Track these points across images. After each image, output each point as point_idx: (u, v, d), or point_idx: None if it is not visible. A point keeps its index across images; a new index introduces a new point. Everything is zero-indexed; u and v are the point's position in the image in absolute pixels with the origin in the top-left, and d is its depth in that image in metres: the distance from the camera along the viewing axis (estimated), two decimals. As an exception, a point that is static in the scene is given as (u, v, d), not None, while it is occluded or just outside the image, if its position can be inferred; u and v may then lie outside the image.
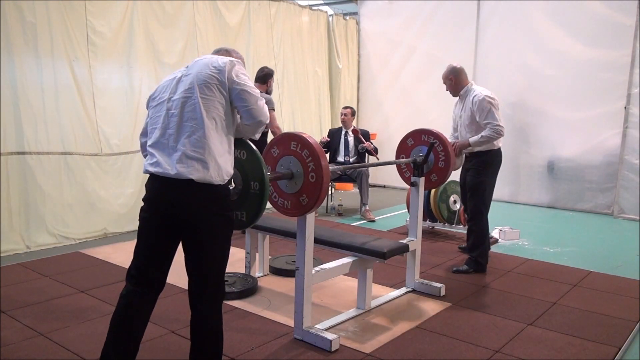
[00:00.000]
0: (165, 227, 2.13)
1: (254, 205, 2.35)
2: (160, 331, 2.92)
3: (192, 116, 2.07)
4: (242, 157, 2.35)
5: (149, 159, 2.13)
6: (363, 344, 2.85)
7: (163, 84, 2.23)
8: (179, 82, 2.15)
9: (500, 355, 2.76)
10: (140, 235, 2.19)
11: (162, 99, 2.17)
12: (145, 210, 2.17)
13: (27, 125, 4.50)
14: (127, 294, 2.16)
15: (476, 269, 4.11)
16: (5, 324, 2.99)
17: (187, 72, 2.17)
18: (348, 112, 6.54)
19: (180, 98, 2.11)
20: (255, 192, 2.33)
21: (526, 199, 7.20)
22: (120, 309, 2.16)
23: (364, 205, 6.16)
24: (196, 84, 2.10)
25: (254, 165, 2.33)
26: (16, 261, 4.19)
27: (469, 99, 4.04)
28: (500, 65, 7.19)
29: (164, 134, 2.11)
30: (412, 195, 3.75)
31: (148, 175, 2.17)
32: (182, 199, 2.07)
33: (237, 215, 2.39)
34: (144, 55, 5.36)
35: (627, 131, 6.29)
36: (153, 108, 2.20)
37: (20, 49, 4.45)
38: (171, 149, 2.08)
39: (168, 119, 2.11)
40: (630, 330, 3.09)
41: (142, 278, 2.17)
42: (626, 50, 6.24)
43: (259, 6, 6.68)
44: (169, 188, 2.08)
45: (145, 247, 2.17)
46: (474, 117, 4.00)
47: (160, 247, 2.16)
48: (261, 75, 5.09)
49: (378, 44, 8.56)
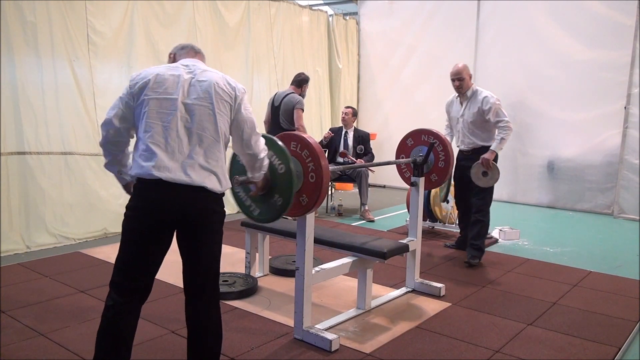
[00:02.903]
0: (162, 232, 2.08)
1: (285, 189, 2.46)
2: (160, 331, 2.92)
3: (208, 127, 2.06)
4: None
5: (149, 160, 1.99)
6: (363, 344, 2.85)
7: (166, 77, 2.07)
8: (190, 86, 2.08)
9: (500, 355, 2.76)
10: (131, 242, 2.08)
11: (170, 96, 2.05)
12: (138, 217, 2.05)
13: (27, 125, 4.50)
14: (115, 305, 2.06)
15: (480, 256, 4.33)
16: (5, 324, 2.99)
17: (199, 78, 2.10)
18: (349, 111, 6.54)
19: (195, 104, 2.06)
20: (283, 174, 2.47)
21: (526, 199, 7.20)
22: (110, 322, 2.06)
23: (363, 205, 6.16)
24: (214, 96, 2.08)
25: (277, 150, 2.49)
26: (16, 261, 4.19)
27: (478, 99, 4.21)
28: (500, 65, 7.19)
29: (173, 137, 2.02)
30: (412, 195, 3.75)
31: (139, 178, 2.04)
32: (193, 203, 2.06)
33: (274, 201, 2.50)
34: (145, 55, 5.36)
35: (627, 131, 6.29)
36: (156, 100, 2.03)
37: (21, 49, 4.45)
38: (180, 154, 2.02)
39: (179, 122, 2.03)
40: (630, 330, 3.09)
41: (132, 287, 2.08)
42: (626, 50, 6.24)
43: (258, 6, 6.68)
44: (179, 193, 2.02)
45: (137, 255, 2.08)
46: (480, 116, 4.20)
47: (155, 253, 2.10)
48: (298, 79, 5.65)
49: (378, 44, 8.56)
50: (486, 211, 4.30)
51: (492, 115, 4.16)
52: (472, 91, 4.28)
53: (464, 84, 4.25)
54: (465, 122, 4.28)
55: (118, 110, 2.08)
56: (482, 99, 4.19)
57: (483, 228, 4.31)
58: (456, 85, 4.28)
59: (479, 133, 4.26)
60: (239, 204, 2.74)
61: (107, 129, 2.10)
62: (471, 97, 4.27)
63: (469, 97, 4.28)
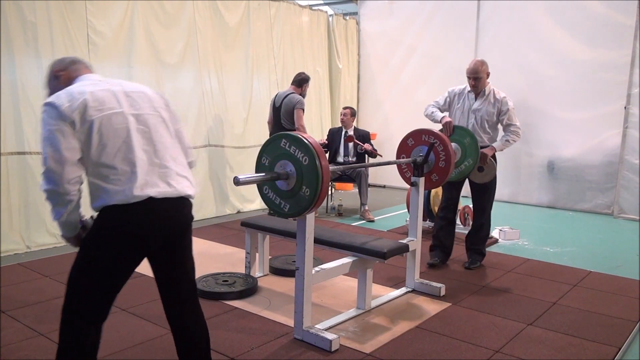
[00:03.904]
0: (150, 250, 1.99)
1: (312, 180, 2.51)
2: (161, 331, 2.92)
3: (165, 134, 1.99)
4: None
5: (129, 182, 1.83)
6: (363, 344, 2.85)
7: (100, 94, 1.87)
8: (127, 97, 1.94)
9: (500, 355, 2.76)
10: (118, 269, 1.93)
11: (116, 110, 1.87)
12: (130, 242, 1.90)
13: (27, 125, 4.50)
14: (95, 343, 1.95)
15: (482, 259, 4.31)
16: (5, 324, 2.99)
17: (127, 89, 1.97)
18: (347, 112, 6.54)
19: (144, 114, 1.94)
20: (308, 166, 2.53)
21: (526, 199, 7.20)
22: (86, 354, 1.93)
23: (363, 205, 6.16)
24: (156, 104, 2.02)
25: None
26: (16, 261, 4.19)
27: (497, 98, 4.09)
28: (500, 65, 7.16)
29: (139, 150, 1.88)
30: (412, 195, 3.75)
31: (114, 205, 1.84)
32: (182, 213, 2.00)
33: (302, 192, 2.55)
34: (145, 55, 5.36)
35: (627, 131, 6.29)
36: (105, 117, 1.84)
37: (21, 49, 4.45)
38: (153, 165, 1.90)
39: (137, 135, 1.89)
40: (630, 330, 3.09)
41: (104, 315, 1.97)
42: (626, 50, 6.23)
43: (258, 6, 6.67)
44: (175, 207, 1.96)
45: (123, 281, 1.96)
46: (495, 115, 4.11)
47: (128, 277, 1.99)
48: (298, 79, 5.72)
49: (378, 44, 8.55)
50: (489, 212, 4.25)
51: (504, 115, 4.08)
52: (490, 89, 4.13)
53: (480, 83, 4.07)
54: (481, 118, 4.11)
55: (62, 142, 1.78)
56: (501, 99, 4.08)
57: (487, 231, 4.29)
58: (472, 84, 4.09)
59: (490, 132, 4.17)
60: (268, 204, 2.73)
61: (63, 167, 1.78)
62: (488, 94, 4.11)
63: (486, 94, 4.11)
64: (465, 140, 4.00)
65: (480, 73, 4.03)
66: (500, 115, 4.11)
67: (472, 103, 4.16)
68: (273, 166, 2.64)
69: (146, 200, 1.85)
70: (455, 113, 4.25)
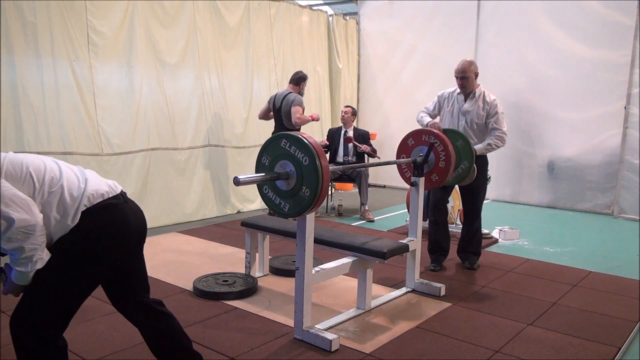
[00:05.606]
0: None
1: (312, 181, 2.52)
2: (161, 331, 2.92)
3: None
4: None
5: (100, 181, 2.05)
6: (363, 344, 2.85)
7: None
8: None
9: (500, 355, 2.76)
10: (97, 273, 1.96)
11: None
12: (115, 244, 1.94)
13: (27, 125, 4.50)
14: (65, 346, 2.01)
15: (478, 259, 4.33)
16: (5, 324, 2.98)
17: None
18: (348, 110, 6.55)
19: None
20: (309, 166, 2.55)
21: (526, 199, 7.20)
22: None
23: (363, 205, 6.16)
24: None
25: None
26: (16, 261, 4.18)
27: (486, 100, 4.05)
28: (500, 65, 7.19)
29: (65, 167, 2.11)
30: (412, 195, 3.75)
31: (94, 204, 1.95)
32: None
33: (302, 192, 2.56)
34: (145, 55, 5.36)
35: (627, 131, 6.29)
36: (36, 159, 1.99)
37: (21, 49, 4.45)
38: (82, 173, 2.12)
39: (50, 159, 2.10)
40: (630, 330, 3.09)
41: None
42: (626, 50, 6.24)
43: (258, 6, 6.67)
44: (134, 206, 2.07)
45: (83, 300, 2.00)
46: (484, 118, 4.07)
47: None
48: (295, 77, 5.81)
49: (378, 44, 8.55)
50: (480, 215, 4.24)
51: (494, 121, 4.03)
52: (480, 91, 4.08)
53: (468, 83, 4.03)
54: (471, 121, 4.08)
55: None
56: (491, 102, 4.03)
57: (479, 235, 4.30)
58: (459, 84, 4.06)
59: (480, 135, 4.13)
60: (268, 204, 2.73)
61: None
62: (479, 96, 4.07)
63: (477, 96, 4.07)
64: (458, 143, 3.91)
65: (467, 72, 4.00)
66: (489, 117, 4.05)
67: (462, 105, 4.12)
68: (273, 166, 2.64)
69: (119, 194, 2.07)
70: (445, 116, 4.21)
